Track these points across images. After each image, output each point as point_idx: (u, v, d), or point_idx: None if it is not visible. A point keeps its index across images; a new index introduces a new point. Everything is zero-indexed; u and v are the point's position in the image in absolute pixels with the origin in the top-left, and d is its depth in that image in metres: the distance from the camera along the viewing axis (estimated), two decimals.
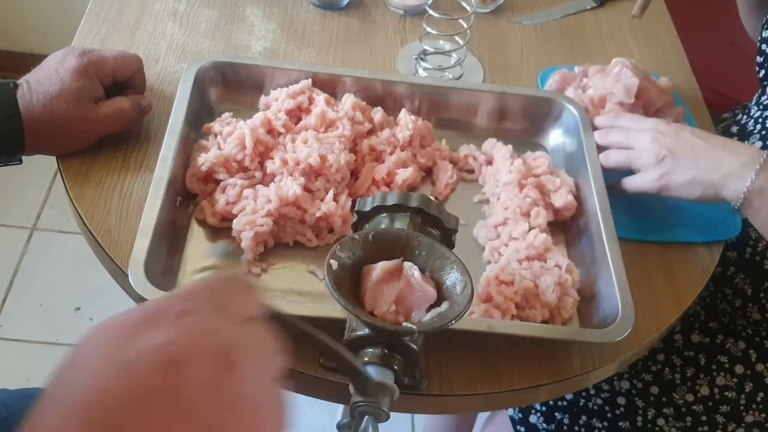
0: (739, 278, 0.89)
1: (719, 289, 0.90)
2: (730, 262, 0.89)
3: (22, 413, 0.31)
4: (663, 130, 0.76)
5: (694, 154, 0.73)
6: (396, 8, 1.01)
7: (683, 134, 0.75)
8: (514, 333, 0.64)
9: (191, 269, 0.69)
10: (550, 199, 0.77)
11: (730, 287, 0.90)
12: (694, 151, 0.73)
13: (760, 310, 0.88)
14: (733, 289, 0.89)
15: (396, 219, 0.61)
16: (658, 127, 0.76)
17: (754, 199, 0.71)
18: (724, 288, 0.90)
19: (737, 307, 0.89)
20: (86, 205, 0.71)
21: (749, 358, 0.89)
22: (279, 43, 0.94)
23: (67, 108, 0.70)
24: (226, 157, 0.72)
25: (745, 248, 0.88)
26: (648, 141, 0.75)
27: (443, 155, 0.82)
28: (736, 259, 0.89)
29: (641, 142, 0.76)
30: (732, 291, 0.89)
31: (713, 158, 0.73)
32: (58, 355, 1.59)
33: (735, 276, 0.89)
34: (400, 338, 0.52)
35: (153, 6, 0.94)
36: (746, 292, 0.89)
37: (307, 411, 1.51)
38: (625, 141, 0.78)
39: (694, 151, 0.73)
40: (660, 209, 0.81)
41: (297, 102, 0.79)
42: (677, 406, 0.89)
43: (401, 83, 0.83)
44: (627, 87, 0.83)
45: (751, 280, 0.88)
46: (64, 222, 1.73)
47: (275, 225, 0.70)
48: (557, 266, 0.71)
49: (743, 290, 0.89)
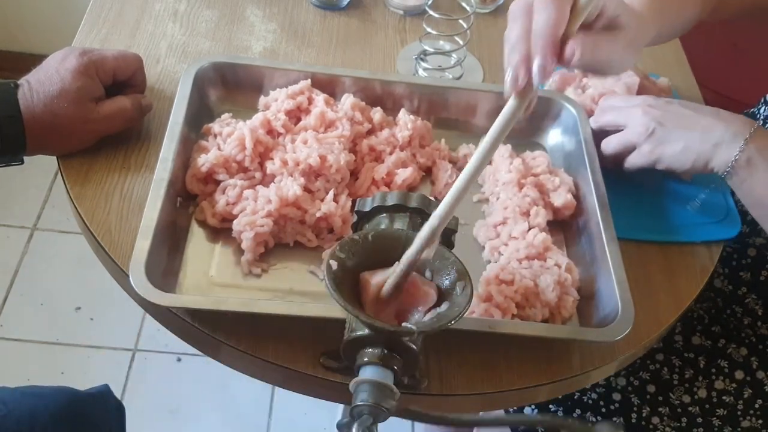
0: (751, 298, 0.89)
1: (728, 305, 0.90)
2: (743, 282, 0.89)
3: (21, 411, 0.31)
4: (652, 104, 0.76)
5: (685, 123, 0.73)
6: (396, 8, 1.01)
7: (673, 106, 0.75)
8: (515, 332, 0.64)
9: (191, 270, 0.69)
10: (549, 199, 0.77)
11: (740, 305, 0.89)
12: (684, 120, 0.73)
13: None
14: (743, 307, 0.89)
15: (396, 219, 0.61)
16: (647, 101, 0.77)
17: (740, 170, 0.71)
18: (734, 305, 0.90)
19: (746, 324, 0.89)
20: (87, 205, 0.71)
21: (750, 365, 0.89)
22: (279, 44, 0.94)
23: (67, 108, 0.70)
24: (225, 158, 0.73)
25: (760, 271, 0.88)
26: (639, 115, 0.75)
27: (443, 155, 0.82)
28: (749, 280, 0.89)
29: (632, 118, 0.76)
30: (742, 309, 0.89)
31: (703, 126, 0.72)
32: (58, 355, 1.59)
33: (746, 296, 0.89)
34: (400, 338, 0.52)
35: (153, 6, 0.94)
36: (756, 312, 0.88)
37: (307, 411, 1.51)
38: (617, 119, 0.78)
39: (684, 120, 0.73)
40: (660, 209, 0.81)
41: (296, 102, 0.79)
42: (673, 406, 0.89)
43: (400, 83, 0.83)
44: (628, 85, 0.84)
45: (763, 301, 0.88)
46: (64, 222, 1.73)
47: (275, 225, 0.70)
48: (557, 265, 0.71)
49: (753, 310, 0.89)
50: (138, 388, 1.50)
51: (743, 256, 0.88)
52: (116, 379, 1.50)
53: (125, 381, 1.51)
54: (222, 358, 0.67)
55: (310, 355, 0.64)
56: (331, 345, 0.59)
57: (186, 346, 0.69)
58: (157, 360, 1.55)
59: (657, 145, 0.74)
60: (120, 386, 1.49)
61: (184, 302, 0.64)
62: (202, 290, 0.68)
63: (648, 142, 0.74)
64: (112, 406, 0.87)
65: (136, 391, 1.50)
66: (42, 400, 0.79)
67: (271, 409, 1.51)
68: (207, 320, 0.64)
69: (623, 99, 0.81)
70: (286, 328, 0.64)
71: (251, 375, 0.68)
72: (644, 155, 0.75)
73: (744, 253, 0.88)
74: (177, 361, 1.56)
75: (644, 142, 0.74)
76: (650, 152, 0.74)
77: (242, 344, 0.64)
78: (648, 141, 0.74)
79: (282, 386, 0.68)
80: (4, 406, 0.77)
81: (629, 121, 0.76)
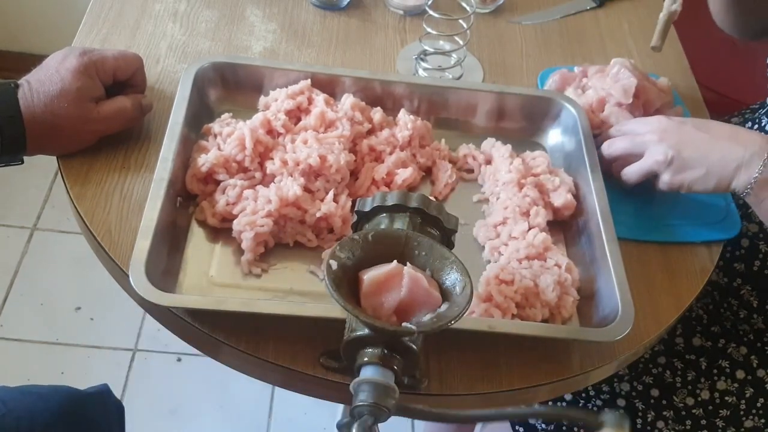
0: (746, 290, 0.89)
1: (724, 299, 0.90)
2: (737, 274, 0.89)
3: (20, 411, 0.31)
4: (667, 128, 0.75)
5: (703, 148, 0.72)
6: (396, 8, 1.01)
7: (687, 129, 0.74)
8: (515, 332, 0.64)
9: (191, 270, 0.69)
10: (549, 199, 0.77)
11: (736, 298, 0.89)
12: (701, 145, 0.73)
13: (765, 321, 0.88)
14: (738, 300, 0.89)
15: (396, 219, 0.61)
16: (661, 125, 0.75)
17: (761, 190, 0.71)
18: (730, 298, 0.90)
19: (742, 318, 0.89)
20: (87, 205, 0.71)
21: (750, 364, 0.89)
22: (279, 44, 0.94)
23: (68, 108, 0.70)
24: (225, 158, 0.73)
25: (753, 261, 0.88)
26: (655, 142, 0.74)
27: (442, 155, 0.82)
28: (743, 272, 0.89)
29: (649, 146, 0.75)
30: (738, 302, 0.89)
31: (722, 149, 0.72)
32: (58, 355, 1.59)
33: (741, 288, 0.89)
34: (400, 338, 0.52)
35: (153, 6, 0.94)
36: (752, 304, 0.88)
37: (307, 411, 1.51)
38: (632, 148, 0.77)
39: (701, 145, 0.73)
40: (660, 209, 0.81)
41: (296, 102, 0.79)
42: (677, 409, 0.89)
43: (400, 83, 0.83)
44: (625, 87, 0.83)
45: (757, 292, 0.88)
46: (64, 222, 1.73)
47: (275, 225, 0.70)
48: (557, 265, 0.71)
49: (749, 302, 0.88)
50: (138, 388, 1.50)
51: (737, 247, 0.88)
52: (116, 379, 1.50)
53: (125, 381, 1.51)
54: (222, 358, 0.67)
55: (310, 355, 0.64)
56: (331, 345, 0.59)
57: (186, 346, 0.69)
58: (157, 360, 1.55)
59: (677, 172, 0.73)
60: (120, 386, 1.49)
61: (184, 302, 0.64)
62: (202, 290, 0.68)
63: (668, 171, 0.74)
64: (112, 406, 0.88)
65: (136, 391, 1.50)
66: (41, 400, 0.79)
67: (271, 409, 1.51)
68: (207, 320, 0.64)
69: (639, 123, 0.79)
70: (286, 328, 0.64)
71: (251, 375, 0.68)
72: (666, 183, 0.75)
73: (737, 244, 0.88)
74: (177, 361, 1.56)
75: (664, 171, 0.74)
76: (671, 180, 0.74)
77: (242, 344, 0.64)
78: (668, 170, 0.74)
79: (282, 386, 0.68)
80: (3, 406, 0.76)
81: (645, 149, 0.76)
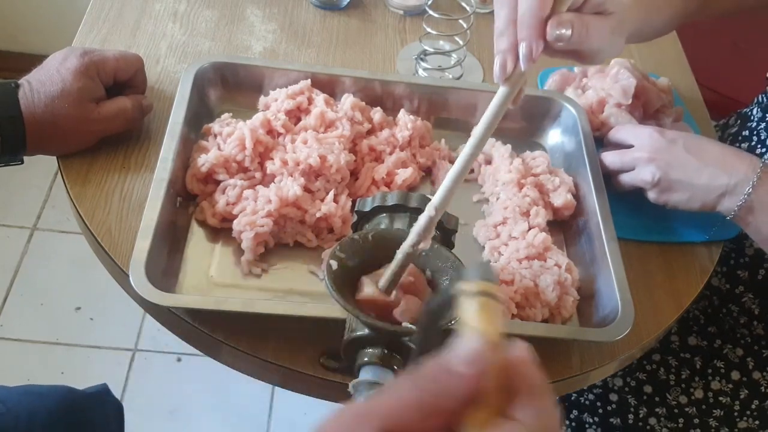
0: (748, 297, 0.89)
1: (724, 304, 0.90)
2: (740, 281, 0.89)
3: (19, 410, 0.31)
4: (657, 145, 0.75)
5: (689, 173, 0.73)
6: (396, 8, 1.01)
7: (677, 150, 0.74)
8: (515, 332, 0.64)
9: (191, 270, 0.69)
10: (549, 199, 0.77)
11: (737, 304, 0.89)
12: (688, 170, 0.73)
13: (765, 329, 0.88)
14: (739, 306, 0.89)
15: (396, 219, 0.61)
16: (653, 143, 0.76)
17: (746, 215, 0.72)
18: (730, 304, 0.90)
19: (742, 324, 0.89)
20: (87, 205, 0.71)
21: (746, 366, 0.88)
22: (279, 44, 0.94)
23: (68, 108, 0.70)
24: (225, 158, 0.73)
25: (758, 270, 0.88)
26: (644, 160, 0.75)
27: (442, 155, 0.82)
28: (746, 279, 0.89)
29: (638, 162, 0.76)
30: (738, 308, 0.89)
31: (708, 177, 0.73)
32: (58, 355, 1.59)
33: (743, 295, 0.89)
34: (400, 338, 0.52)
35: (153, 6, 0.94)
36: (753, 311, 0.88)
37: (307, 411, 1.51)
38: (622, 166, 0.78)
39: (688, 170, 0.73)
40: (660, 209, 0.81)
41: (296, 102, 0.79)
42: (670, 406, 0.89)
43: (400, 83, 0.83)
44: (624, 88, 0.83)
45: (759, 300, 0.88)
46: (64, 222, 1.73)
47: (275, 225, 0.70)
48: (557, 265, 0.71)
49: (750, 309, 0.88)
50: (138, 388, 1.50)
51: (741, 255, 0.88)
52: (116, 379, 1.50)
53: (125, 381, 1.51)
54: (222, 358, 0.67)
55: (310, 355, 0.64)
56: (331, 345, 0.59)
57: (186, 346, 0.69)
58: (157, 360, 1.55)
59: (663, 192, 0.75)
60: (120, 386, 1.49)
61: (185, 302, 0.64)
62: (202, 290, 0.68)
63: (653, 191, 0.76)
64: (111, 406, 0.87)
65: (136, 391, 1.50)
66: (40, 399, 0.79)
67: (271, 409, 1.51)
68: (207, 320, 0.64)
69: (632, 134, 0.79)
70: (286, 328, 0.64)
71: (251, 375, 0.68)
72: (652, 199, 0.77)
73: (742, 252, 0.88)
74: (177, 361, 1.56)
75: (650, 190, 0.76)
76: (657, 198, 0.76)
77: (242, 344, 0.64)
78: (653, 189, 0.75)
79: (282, 386, 0.68)
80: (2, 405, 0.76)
81: (635, 164, 0.77)
